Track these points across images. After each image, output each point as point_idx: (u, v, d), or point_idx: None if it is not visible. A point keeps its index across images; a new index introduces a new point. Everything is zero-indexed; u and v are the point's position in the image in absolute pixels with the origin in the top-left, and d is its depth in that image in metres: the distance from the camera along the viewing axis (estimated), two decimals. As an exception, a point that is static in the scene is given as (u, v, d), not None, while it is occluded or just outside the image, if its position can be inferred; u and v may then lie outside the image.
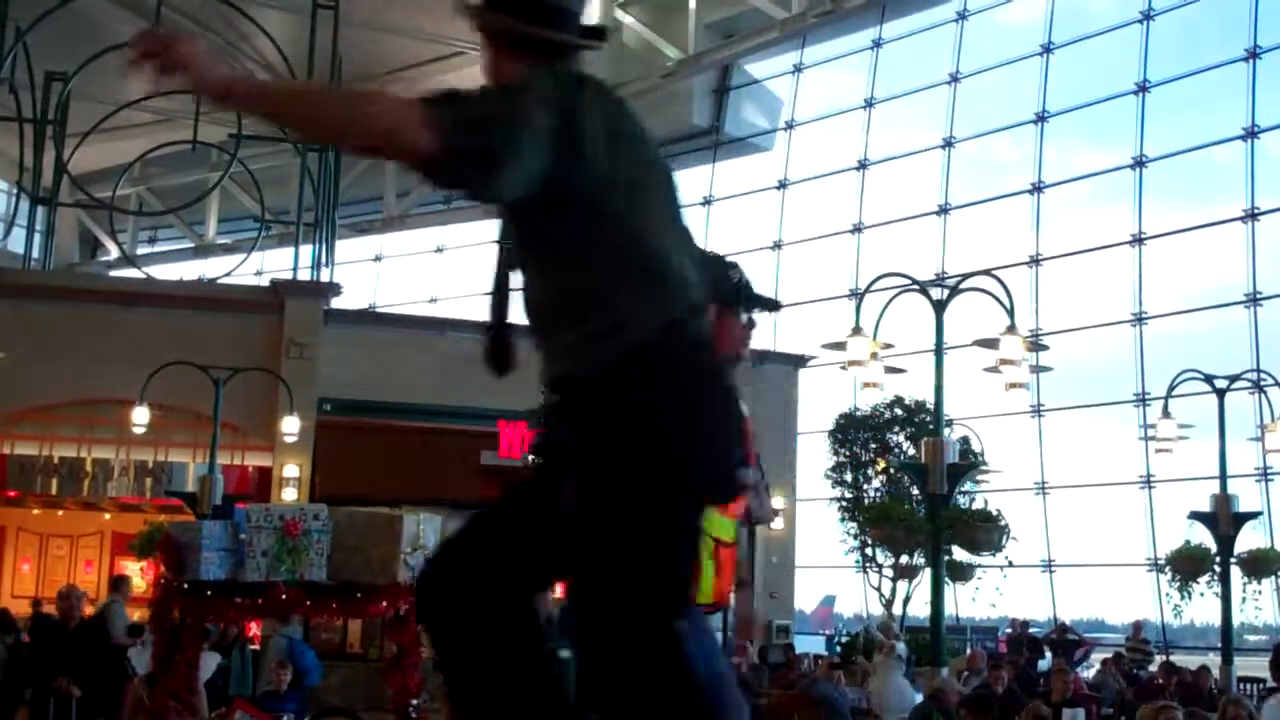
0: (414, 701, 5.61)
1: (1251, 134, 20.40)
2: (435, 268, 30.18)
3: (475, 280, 28.83)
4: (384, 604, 5.67)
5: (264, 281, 22.86)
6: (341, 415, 18.33)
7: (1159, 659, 16.68)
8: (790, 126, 26.69)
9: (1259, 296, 20.12)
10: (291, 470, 18.16)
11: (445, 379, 17.68)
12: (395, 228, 29.80)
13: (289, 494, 17.78)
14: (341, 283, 20.66)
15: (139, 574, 17.31)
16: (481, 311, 2.66)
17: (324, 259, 21.49)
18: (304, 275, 21.10)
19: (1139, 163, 21.63)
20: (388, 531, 5.62)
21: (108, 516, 19.67)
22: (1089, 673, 16.38)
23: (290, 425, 17.23)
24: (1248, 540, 15.87)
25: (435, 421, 18.37)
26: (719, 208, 26.93)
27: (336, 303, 19.62)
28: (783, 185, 26.19)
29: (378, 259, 30.82)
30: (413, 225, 29.87)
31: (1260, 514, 16.98)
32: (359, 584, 5.60)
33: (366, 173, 27.04)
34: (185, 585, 5.53)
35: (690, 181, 27.28)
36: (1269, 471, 19.25)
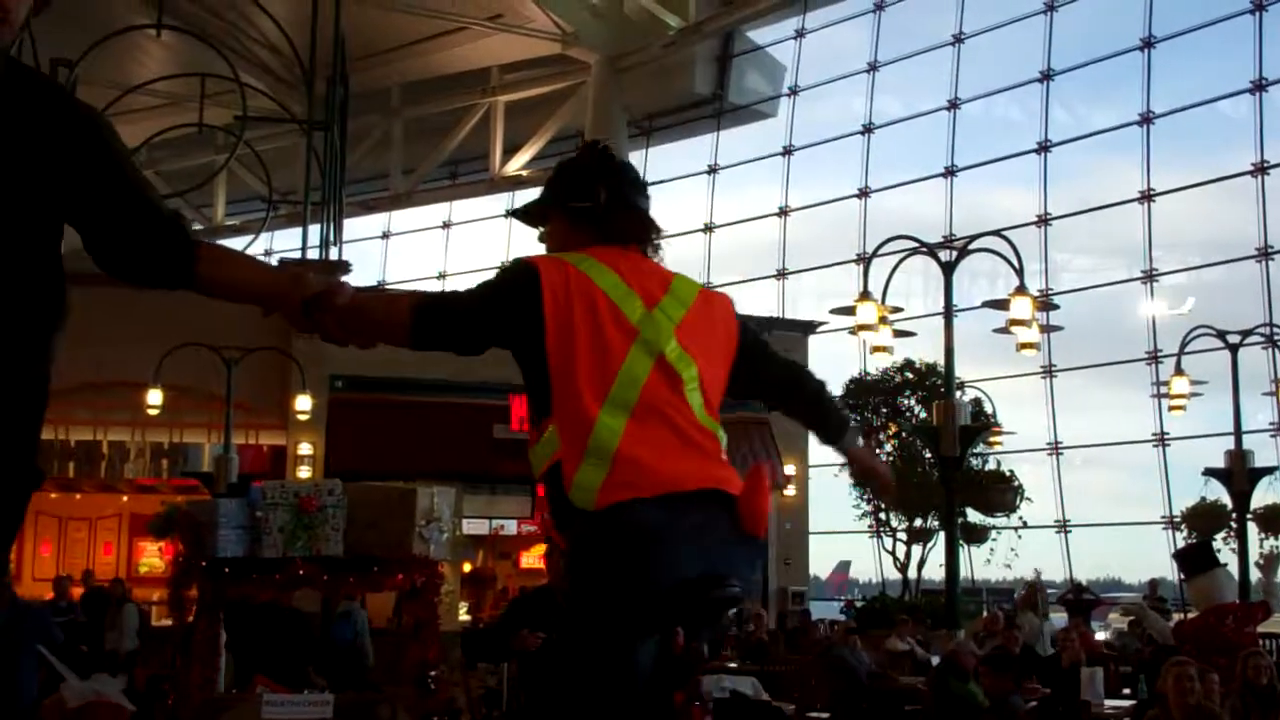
0: (432, 673, 5.66)
1: (1260, 87, 20.26)
2: (442, 243, 30.25)
3: (482, 255, 28.90)
4: (400, 577, 5.71)
5: (273, 261, 22.86)
6: (353, 392, 18.40)
7: (1176, 617, 16.69)
8: (794, 92, 26.57)
9: (1270, 251, 20.03)
10: (305, 448, 18.26)
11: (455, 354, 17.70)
12: (402, 204, 29.80)
13: (303, 471, 17.90)
14: (350, 260, 20.64)
15: (157, 554, 17.43)
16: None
17: (332, 237, 21.38)
18: (312, 254, 21.08)
19: (1146, 119, 21.49)
20: (402, 506, 5.65)
21: (125, 498, 19.79)
22: (1105, 634, 16.43)
23: (303, 403, 17.32)
24: (1264, 496, 15.89)
25: (446, 396, 18.42)
26: (724, 176, 26.87)
27: (345, 280, 19.60)
28: (788, 151, 26.10)
29: (385, 236, 30.86)
30: (420, 201, 29.86)
31: (1276, 469, 16.91)
32: (375, 558, 5.64)
33: (372, 150, 27.02)
34: (203, 564, 5.57)
35: (695, 150, 27.27)
36: (1283, 426, 19.22)
